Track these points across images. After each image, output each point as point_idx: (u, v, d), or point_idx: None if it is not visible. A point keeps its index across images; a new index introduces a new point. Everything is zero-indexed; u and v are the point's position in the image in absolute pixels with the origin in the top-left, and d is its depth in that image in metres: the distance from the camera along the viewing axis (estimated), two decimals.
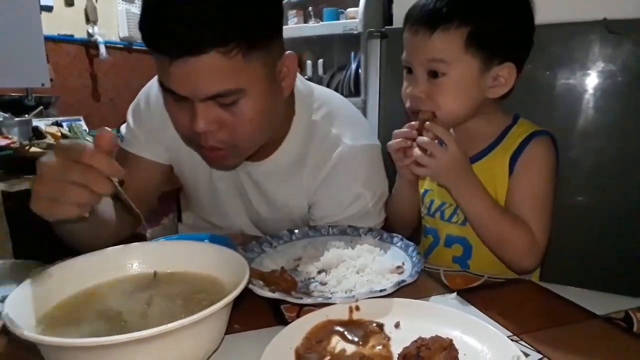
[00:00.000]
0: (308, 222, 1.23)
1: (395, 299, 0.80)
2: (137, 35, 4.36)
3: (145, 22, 0.90)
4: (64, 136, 2.34)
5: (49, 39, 3.19)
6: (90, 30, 3.91)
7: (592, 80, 1.53)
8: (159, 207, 1.43)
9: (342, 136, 1.17)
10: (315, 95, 1.21)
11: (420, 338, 0.66)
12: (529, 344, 0.71)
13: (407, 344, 0.66)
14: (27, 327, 0.56)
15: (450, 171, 1.01)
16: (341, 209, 1.17)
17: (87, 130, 2.83)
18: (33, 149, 2.18)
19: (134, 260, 0.79)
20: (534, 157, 1.08)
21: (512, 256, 1.05)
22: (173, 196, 2.91)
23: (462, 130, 1.14)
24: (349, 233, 1.08)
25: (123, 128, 1.26)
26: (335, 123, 1.18)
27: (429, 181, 1.25)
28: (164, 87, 0.94)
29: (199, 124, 0.93)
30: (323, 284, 0.89)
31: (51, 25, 3.48)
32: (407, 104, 1.10)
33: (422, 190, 1.26)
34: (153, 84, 1.23)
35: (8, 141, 2.26)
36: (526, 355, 0.66)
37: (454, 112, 1.06)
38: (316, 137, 1.17)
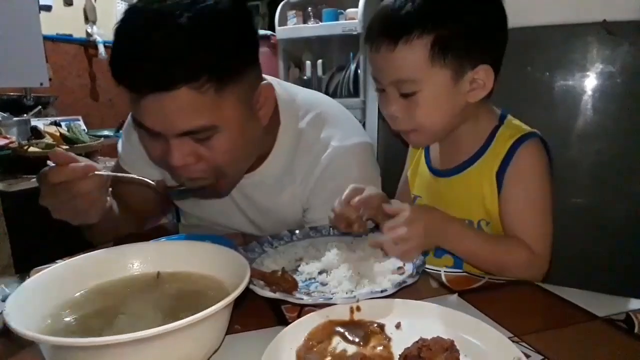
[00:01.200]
0: (303, 226, 1.22)
1: (396, 299, 0.79)
2: None
3: (114, 59, 0.89)
4: (62, 136, 2.34)
5: (47, 39, 3.20)
6: (89, 30, 3.92)
7: (590, 82, 1.54)
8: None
9: (331, 139, 1.16)
10: (299, 102, 1.20)
11: (421, 339, 0.66)
12: (529, 345, 0.70)
13: (408, 344, 0.66)
14: (28, 326, 0.56)
15: (428, 237, 0.92)
16: None
17: (86, 130, 2.83)
18: (32, 149, 2.18)
19: (135, 260, 0.79)
20: (524, 167, 1.03)
21: (515, 275, 0.99)
22: None
23: (448, 139, 1.12)
24: (350, 234, 1.08)
25: (119, 144, 1.28)
26: (324, 127, 1.17)
27: (418, 187, 1.24)
28: (136, 122, 0.93)
29: (175, 159, 0.92)
30: (324, 284, 0.89)
31: (50, 24, 3.48)
32: (389, 123, 1.08)
33: (412, 196, 1.25)
34: None
35: (7, 141, 2.26)
36: (527, 356, 0.66)
37: (435, 126, 1.03)
38: (304, 145, 1.16)
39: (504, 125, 1.09)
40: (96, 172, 0.86)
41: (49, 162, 0.86)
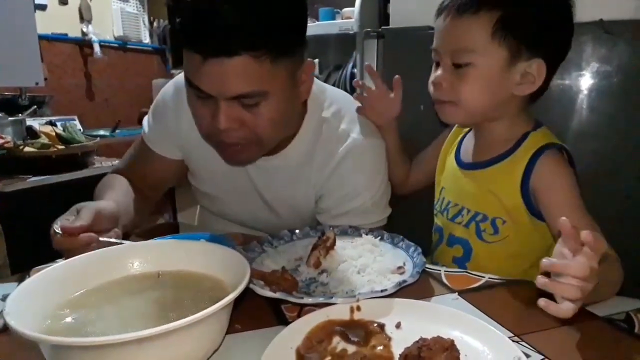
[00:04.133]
0: (315, 217, 1.25)
1: (396, 299, 0.80)
2: (132, 35, 4.37)
3: (185, 21, 0.92)
4: (58, 136, 2.33)
5: (43, 38, 3.18)
6: (85, 29, 3.91)
7: (587, 81, 1.54)
8: (154, 206, 1.44)
9: (350, 132, 1.20)
10: (326, 94, 1.25)
11: (421, 338, 0.66)
12: (530, 345, 0.71)
13: (408, 344, 0.66)
14: (28, 326, 0.56)
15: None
16: (346, 201, 1.19)
17: (82, 129, 2.82)
18: (27, 149, 2.17)
19: (135, 259, 0.79)
20: (547, 181, 1.03)
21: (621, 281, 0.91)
22: (168, 196, 2.90)
23: (483, 131, 1.14)
24: (350, 233, 1.08)
25: (144, 120, 1.33)
26: (345, 120, 1.22)
27: (444, 180, 1.25)
28: (191, 84, 0.98)
29: (222, 121, 0.97)
30: (324, 284, 0.89)
31: (45, 23, 3.47)
32: (431, 92, 1.09)
33: (440, 188, 1.26)
34: (168, 86, 1.29)
35: (2, 141, 2.25)
36: (527, 355, 0.67)
37: (476, 104, 1.04)
38: (325, 133, 1.20)
39: (535, 132, 1.10)
40: (100, 239, 0.90)
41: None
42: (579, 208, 1.01)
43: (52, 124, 2.66)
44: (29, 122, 2.60)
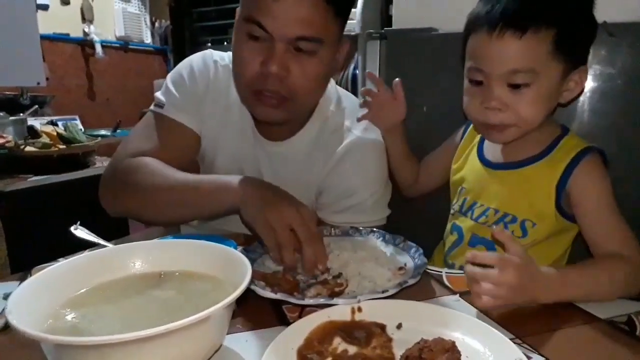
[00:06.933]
0: (315, 211, 1.26)
1: (397, 300, 0.80)
2: (134, 35, 4.37)
3: None
4: (59, 135, 2.33)
5: (44, 38, 3.18)
6: (86, 29, 3.91)
7: (589, 83, 1.54)
8: None
9: (353, 129, 1.23)
10: (334, 91, 1.29)
11: (422, 340, 0.66)
12: (531, 347, 0.71)
13: (409, 345, 0.66)
14: (30, 325, 0.56)
15: (521, 290, 0.79)
16: (346, 197, 1.21)
17: (83, 129, 2.82)
18: (28, 149, 2.17)
19: (136, 259, 0.79)
20: (590, 181, 1.02)
21: (629, 293, 0.89)
22: None
23: None
24: (351, 234, 1.09)
25: (158, 95, 1.26)
26: (349, 117, 1.25)
27: (466, 178, 1.23)
28: (251, 20, 1.00)
29: (274, 64, 1.00)
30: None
31: (47, 24, 3.48)
32: (477, 117, 1.05)
33: (457, 188, 1.26)
34: (194, 58, 1.29)
35: (3, 140, 2.25)
36: (528, 357, 0.66)
37: (535, 122, 1.01)
38: (330, 127, 1.23)
39: (568, 136, 1.10)
40: None
41: None
42: (615, 213, 1.01)
43: (53, 123, 2.67)
44: (30, 121, 2.61)
